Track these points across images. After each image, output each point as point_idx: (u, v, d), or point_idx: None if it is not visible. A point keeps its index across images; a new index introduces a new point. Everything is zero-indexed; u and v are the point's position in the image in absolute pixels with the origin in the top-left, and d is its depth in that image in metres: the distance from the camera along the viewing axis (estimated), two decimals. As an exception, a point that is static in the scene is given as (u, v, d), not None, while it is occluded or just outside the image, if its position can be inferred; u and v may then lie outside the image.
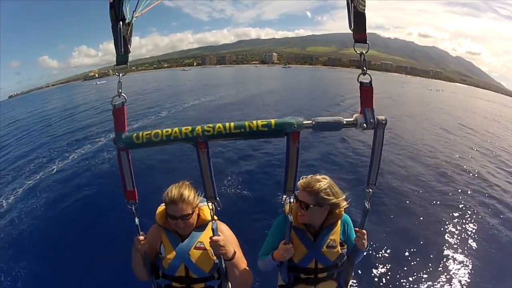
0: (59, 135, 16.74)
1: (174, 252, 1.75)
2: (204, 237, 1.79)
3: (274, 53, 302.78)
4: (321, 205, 1.75)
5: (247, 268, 1.82)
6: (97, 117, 21.21)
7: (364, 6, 1.24)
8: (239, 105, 23.18)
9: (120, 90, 1.39)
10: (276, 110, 20.82)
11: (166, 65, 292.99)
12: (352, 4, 1.24)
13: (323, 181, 1.75)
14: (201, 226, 1.84)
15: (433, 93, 53.96)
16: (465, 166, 10.59)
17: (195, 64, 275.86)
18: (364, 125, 1.34)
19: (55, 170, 10.37)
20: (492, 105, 45.87)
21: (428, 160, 11.01)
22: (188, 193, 1.72)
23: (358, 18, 1.26)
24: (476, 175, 9.83)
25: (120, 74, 1.40)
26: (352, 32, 1.28)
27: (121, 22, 1.29)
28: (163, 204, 1.79)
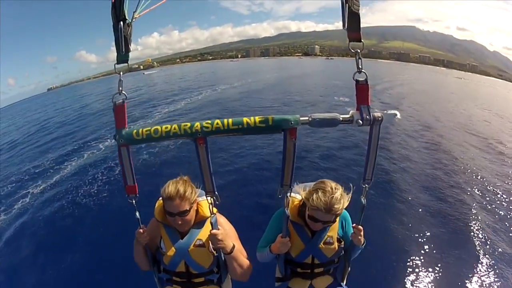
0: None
1: (173, 249, 1.78)
2: (203, 234, 1.80)
3: (316, 46, 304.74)
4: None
5: (247, 260, 1.84)
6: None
7: (358, 6, 1.28)
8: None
9: (120, 88, 1.41)
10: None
11: (210, 58, 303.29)
12: (347, 5, 1.27)
13: (341, 199, 1.67)
14: (200, 222, 1.84)
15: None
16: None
17: (239, 56, 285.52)
18: (360, 121, 1.36)
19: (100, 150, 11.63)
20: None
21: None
22: (185, 188, 1.69)
23: (352, 18, 1.30)
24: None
25: (121, 73, 1.42)
26: (347, 31, 1.32)
27: (121, 22, 1.33)
28: (161, 199, 1.76)
